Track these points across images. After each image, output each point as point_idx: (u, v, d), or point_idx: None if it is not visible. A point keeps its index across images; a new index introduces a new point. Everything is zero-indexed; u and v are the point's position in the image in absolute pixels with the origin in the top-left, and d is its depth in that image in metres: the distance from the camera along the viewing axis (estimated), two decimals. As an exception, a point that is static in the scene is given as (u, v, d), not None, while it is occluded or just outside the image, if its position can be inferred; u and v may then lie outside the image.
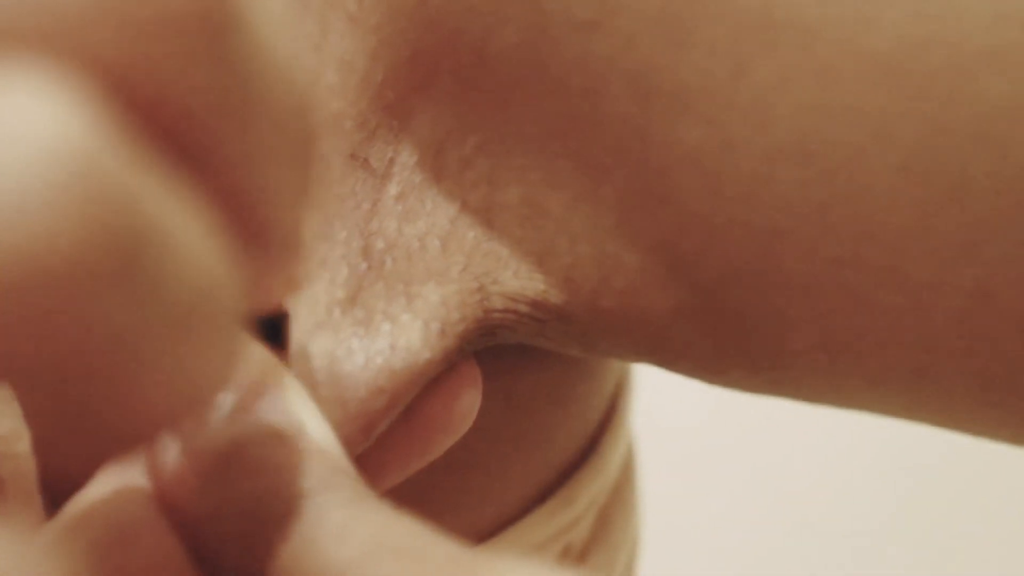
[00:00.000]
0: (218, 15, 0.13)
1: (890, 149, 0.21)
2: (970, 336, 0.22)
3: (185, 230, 0.13)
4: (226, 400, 0.19)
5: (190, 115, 0.14)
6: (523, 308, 0.24)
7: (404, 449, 0.24)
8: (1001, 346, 0.22)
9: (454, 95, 0.24)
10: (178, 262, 0.13)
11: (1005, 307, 0.21)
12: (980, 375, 0.22)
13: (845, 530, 1.15)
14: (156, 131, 0.14)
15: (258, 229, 0.15)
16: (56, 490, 0.22)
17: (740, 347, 0.24)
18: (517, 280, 0.24)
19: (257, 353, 0.20)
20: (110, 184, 0.12)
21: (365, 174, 0.24)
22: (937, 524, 1.16)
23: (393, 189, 0.24)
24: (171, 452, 0.18)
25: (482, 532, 0.28)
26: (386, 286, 0.24)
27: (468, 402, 0.24)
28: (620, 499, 0.32)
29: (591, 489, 0.30)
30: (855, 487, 1.18)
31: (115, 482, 0.19)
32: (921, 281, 0.22)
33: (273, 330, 0.21)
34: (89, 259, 0.12)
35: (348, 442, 0.23)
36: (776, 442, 1.17)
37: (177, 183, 0.14)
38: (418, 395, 0.24)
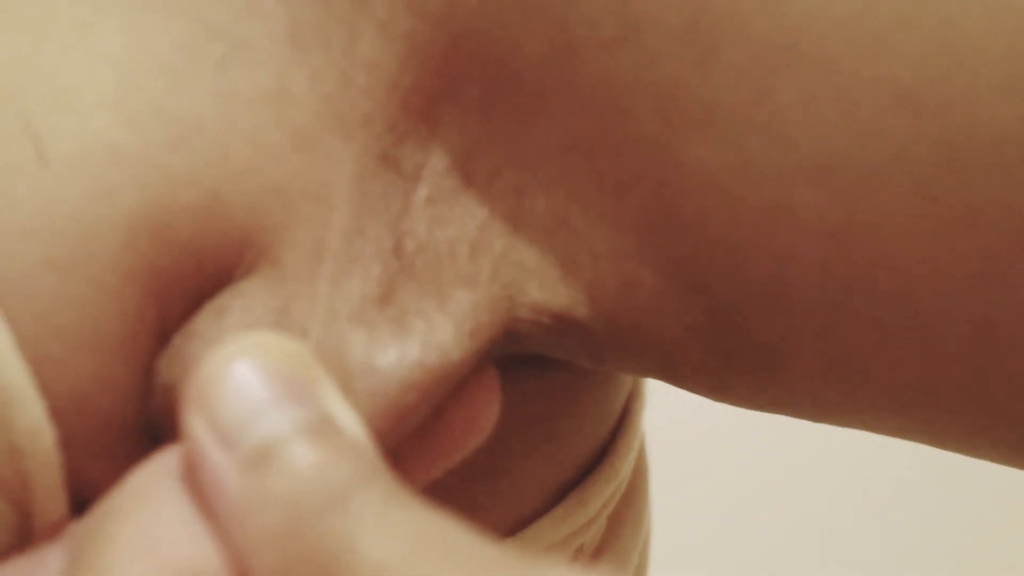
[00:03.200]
0: None
1: (906, 173, 0.22)
2: (973, 364, 0.22)
3: None
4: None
5: None
6: (546, 320, 0.25)
7: (425, 456, 0.24)
8: (1003, 375, 0.22)
9: (480, 106, 0.24)
10: None
11: (1009, 338, 0.22)
12: (980, 401, 0.23)
13: (850, 529, 1.15)
14: None
15: None
16: (81, 488, 0.22)
17: (746, 367, 0.24)
18: (542, 292, 0.24)
19: (290, 347, 0.20)
20: None
21: (396, 175, 0.24)
22: (936, 524, 1.16)
23: (423, 192, 0.24)
24: (209, 453, 0.19)
25: (496, 534, 0.29)
26: (419, 286, 0.24)
27: (489, 410, 0.25)
28: (631, 503, 0.33)
29: (604, 492, 0.31)
30: (861, 487, 1.18)
31: (145, 481, 0.20)
32: (929, 308, 0.22)
33: None
34: None
35: (377, 437, 0.23)
36: (788, 442, 1.17)
37: None
38: (439, 402, 0.24)
